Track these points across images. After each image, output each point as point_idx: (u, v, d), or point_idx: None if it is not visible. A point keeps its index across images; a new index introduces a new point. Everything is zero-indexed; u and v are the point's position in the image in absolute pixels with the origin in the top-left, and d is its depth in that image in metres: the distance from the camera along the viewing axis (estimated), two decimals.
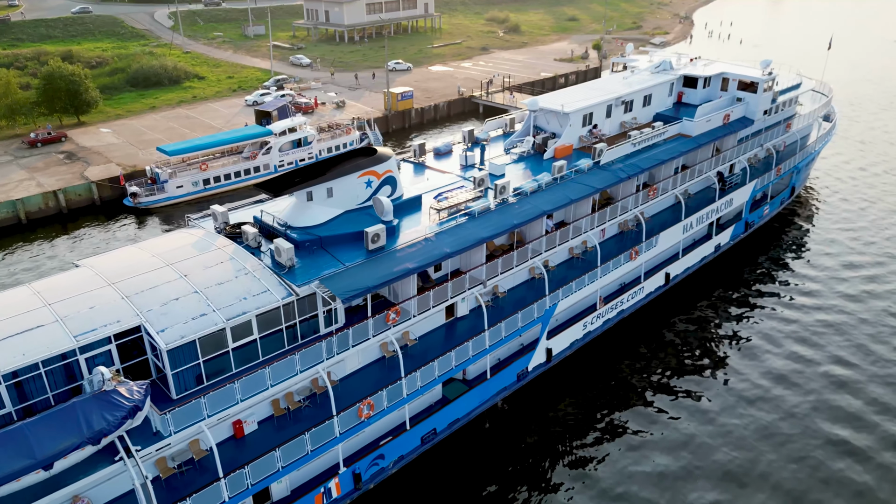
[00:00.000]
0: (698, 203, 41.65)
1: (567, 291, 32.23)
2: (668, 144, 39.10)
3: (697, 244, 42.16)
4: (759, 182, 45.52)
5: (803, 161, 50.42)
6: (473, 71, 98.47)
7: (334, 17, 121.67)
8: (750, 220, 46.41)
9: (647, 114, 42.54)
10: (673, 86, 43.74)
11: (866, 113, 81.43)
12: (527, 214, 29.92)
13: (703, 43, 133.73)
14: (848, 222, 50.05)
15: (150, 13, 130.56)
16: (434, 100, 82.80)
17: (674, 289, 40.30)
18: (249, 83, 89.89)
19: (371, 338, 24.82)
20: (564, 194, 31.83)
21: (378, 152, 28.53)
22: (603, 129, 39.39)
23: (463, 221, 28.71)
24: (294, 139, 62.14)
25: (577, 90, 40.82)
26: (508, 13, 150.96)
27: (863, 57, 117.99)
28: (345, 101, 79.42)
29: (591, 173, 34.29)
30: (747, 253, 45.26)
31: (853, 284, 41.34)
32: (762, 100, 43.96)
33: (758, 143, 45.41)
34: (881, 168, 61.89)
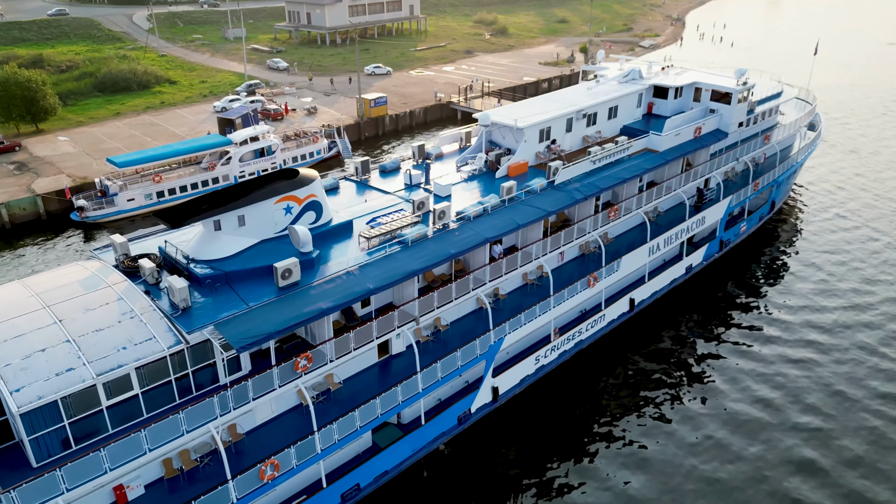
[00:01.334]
0: (669, 222, 39.08)
1: (515, 324, 29.60)
2: (632, 161, 36.51)
3: (667, 265, 39.54)
4: (735, 198, 42.91)
5: (784, 174, 47.82)
6: (455, 75, 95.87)
7: (316, 19, 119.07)
8: (725, 238, 43.79)
9: (614, 127, 39.94)
10: (642, 96, 41.10)
11: (858, 119, 78.83)
12: (467, 242, 27.30)
13: (694, 45, 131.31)
14: (831, 242, 47.31)
15: (128, 15, 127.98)
16: (410, 106, 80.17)
17: (639, 315, 37.69)
18: (222, 88, 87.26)
19: (277, 388, 22.19)
20: (511, 219, 29.20)
21: (300, 175, 25.92)
22: (563, 145, 36.79)
23: (396, 251, 26.13)
24: (256, 148, 59.50)
25: (536, 102, 38.20)
26: (497, 15, 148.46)
27: (856, 60, 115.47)
28: (317, 107, 76.78)
29: (545, 194, 31.67)
30: (721, 274, 42.60)
31: (830, 316, 38.39)
32: (737, 111, 41.36)
33: (733, 156, 42.81)
34: (869, 179, 59.24)
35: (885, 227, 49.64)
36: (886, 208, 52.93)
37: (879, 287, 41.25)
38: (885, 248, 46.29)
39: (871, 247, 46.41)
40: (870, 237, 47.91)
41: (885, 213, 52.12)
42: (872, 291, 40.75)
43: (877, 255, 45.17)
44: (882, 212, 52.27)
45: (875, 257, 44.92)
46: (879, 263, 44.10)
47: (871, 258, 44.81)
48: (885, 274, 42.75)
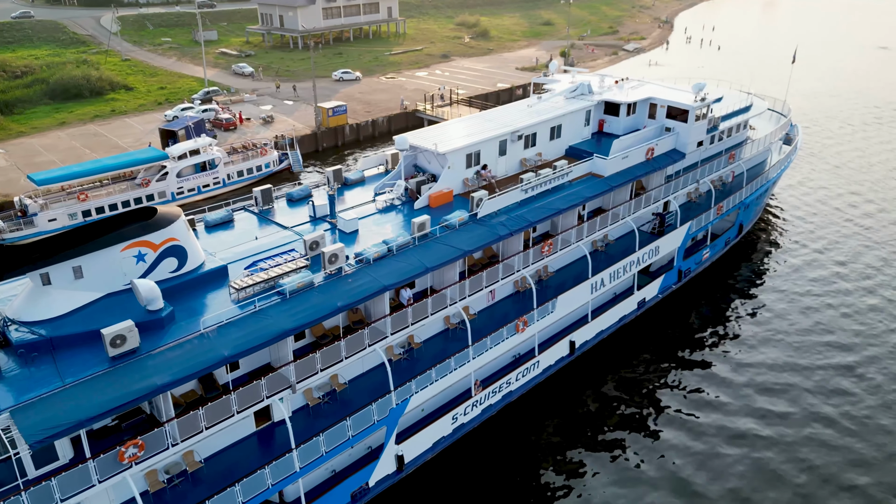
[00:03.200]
0: (620, 252, 35.41)
1: (424, 382, 25.93)
2: (573, 187, 32.87)
3: (617, 300, 35.89)
4: (696, 223, 39.25)
5: (752, 195, 44.13)
6: (426, 81, 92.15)
7: (288, 21, 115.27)
8: (684, 267, 40.11)
9: (558, 148, 36.25)
10: (590, 113, 37.40)
11: (843, 131, 75.12)
12: (362, 291, 23.62)
13: (681, 49, 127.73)
14: (804, 269, 43.57)
15: (96, 18, 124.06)
16: (374, 114, 76.49)
17: (582, 358, 34.01)
18: (181, 95, 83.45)
19: (97, 484, 18.47)
20: (419, 261, 25.52)
21: (157, 214, 22.25)
22: (496, 170, 33.10)
23: (271, 304, 22.44)
24: (197, 163, 55.84)
25: (467, 122, 34.43)
26: (479, 17, 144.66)
27: (846, 66, 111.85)
28: (273, 116, 73.05)
29: (464, 230, 27.97)
30: (679, 307, 38.89)
31: (799, 358, 34.70)
32: (695, 129, 37.70)
33: (693, 178, 39.16)
34: (850, 199, 55.49)
35: (864, 252, 46.01)
36: (866, 231, 49.27)
37: (851, 321, 37.61)
38: (863, 276, 42.67)
39: (847, 275, 42.77)
40: (846, 263, 44.28)
41: (864, 235, 48.46)
42: (843, 327, 37.11)
43: (853, 283, 41.52)
44: (861, 235, 48.61)
45: (851, 284, 41.28)
46: (853, 294, 40.46)
47: (845, 286, 41.16)
48: (858, 305, 39.12)
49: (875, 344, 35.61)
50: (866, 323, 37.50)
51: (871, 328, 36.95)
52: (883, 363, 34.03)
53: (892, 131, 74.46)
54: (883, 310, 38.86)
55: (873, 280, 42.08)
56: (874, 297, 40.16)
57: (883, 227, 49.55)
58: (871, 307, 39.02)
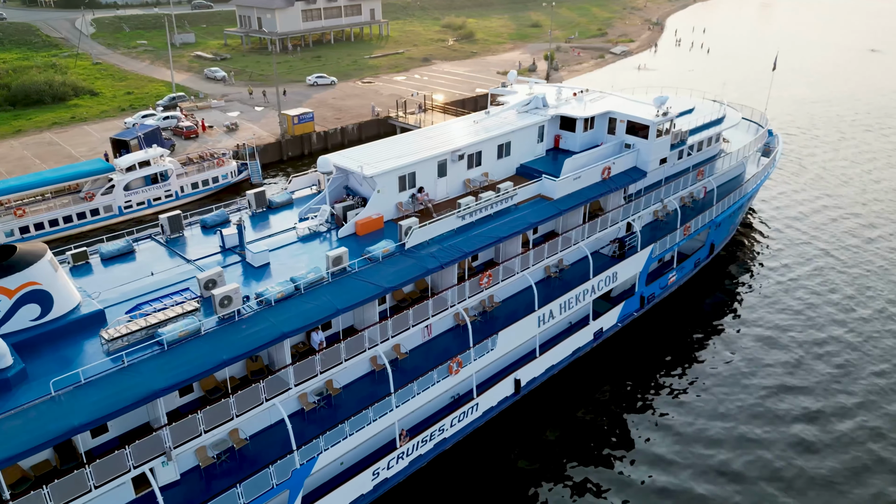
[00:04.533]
0: (577, 279, 32.72)
1: (335, 437, 23.21)
2: (520, 211, 30.18)
3: (570, 331, 33.21)
4: (659, 246, 36.56)
5: (724, 213, 41.45)
6: (403, 86, 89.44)
7: (267, 24, 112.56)
8: (648, 293, 37.43)
9: (508, 167, 33.55)
10: (543, 129, 34.71)
11: (830, 137, 72.44)
12: (255, 340, 20.89)
13: (669, 52, 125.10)
14: (780, 294, 40.77)
15: (72, 20, 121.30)
16: (345, 121, 73.77)
17: (529, 397, 31.30)
18: (147, 101, 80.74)
19: None
20: (330, 302, 22.82)
21: (17, 253, 19.56)
22: (434, 193, 30.40)
23: (146, 357, 19.72)
24: (147, 174, 53.11)
25: (403, 140, 31.67)
26: (466, 19, 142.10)
27: (836, 69, 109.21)
28: (237, 123, 70.32)
29: (389, 263, 25.27)
30: (640, 337, 36.09)
31: (770, 401, 32.09)
32: (657, 146, 35.01)
33: (656, 198, 36.47)
34: (832, 214, 52.78)
35: (845, 276, 43.31)
36: (848, 250, 46.58)
37: (825, 363, 34.82)
38: (842, 307, 39.97)
39: (824, 303, 40.07)
40: (825, 289, 41.57)
41: (846, 256, 45.77)
42: (816, 369, 34.36)
43: (830, 312, 38.82)
44: (843, 257, 45.91)
45: (828, 313, 38.59)
46: (827, 328, 37.74)
47: (821, 315, 38.46)
48: (833, 343, 36.38)
49: (852, 392, 32.41)
50: (843, 365, 34.04)
51: (848, 370, 33.68)
52: (856, 414, 31.10)
53: (878, 139, 71.79)
54: (861, 351, 35.30)
55: (851, 313, 38.76)
56: (852, 333, 36.82)
57: (866, 246, 46.72)
58: (849, 345, 35.63)
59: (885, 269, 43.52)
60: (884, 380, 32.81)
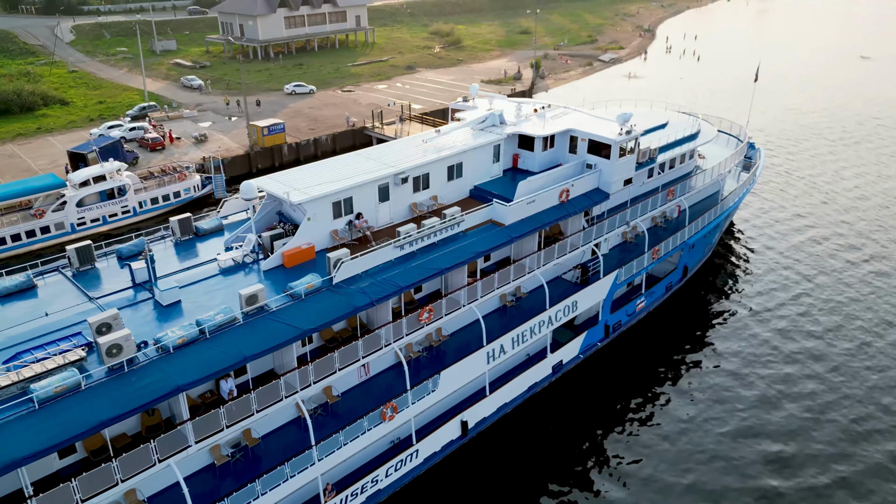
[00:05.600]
0: (534, 309, 30.53)
1: (244, 498, 20.90)
2: (468, 238, 28.00)
3: (526, 365, 31.01)
4: (624, 272, 34.36)
5: (699, 233, 39.28)
6: (384, 95, 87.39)
7: (248, 31, 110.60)
8: (613, 321, 35.21)
9: (460, 189, 31.35)
10: (499, 148, 32.55)
11: (818, 150, 70.23)
12: (144, 395, 18.67)
13: (659, 59, 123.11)
14: (755, 325, 38.26)
15: (51, 27, 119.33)
16: (319, 131, 71.66)
17: (478, 439, 29.04)
18: (119, 110, 78.64)
19: None
20: (238, 348, 20.60)
21: None
22: (375, 219, 28.21)
23: (21, 413, 17.54)
24: (103, 189, 50.94)
25: (341, 162, 29.34)
26: (454, 26, 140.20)
27: (827, 76, 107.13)
28: (207, 135, 68.18)
29: (313, 300, 23.05)
30: (603, 370, 33.83)
31: (732, 445, 29.56)
32: (620, 166, 32.85)
33: (621, 220, 34.29)
34: (816, 233, 50.51)
35: (828, 302, 41.10)
36: (831, 274, 44.37)
37: (800, 406, 32.45)
38: (820, 334, 37.74)
39: (804, 332, 37.86)
40: (805, 317, 39.35)
41: (829, 282, 43.55)
42: (790, 412, 32.10)
43: (809, 340, 36.59)
44: (826, 282, 43.69)
45: (806, 343, 36.34)
46: (806, 356, 35.53)
47: (800, 345, 36.22)
48: (811, 371, 34.18)
49: (825, 439, 29.88)
50: (817, 408, 31.29)
51: (822, 412, 31.11)
52: (828, 465, 28.66)
53: (868, 152, 69.61)
54: (839, 392, 32.70)
55: (831, 347, 36.20)
56: (830, 370, 34.21)
57: (849, 271, 44.21)
58: (825, 383, 33.18)
59: (868, 299, 40.70)
60: (861, 426, 30.30)
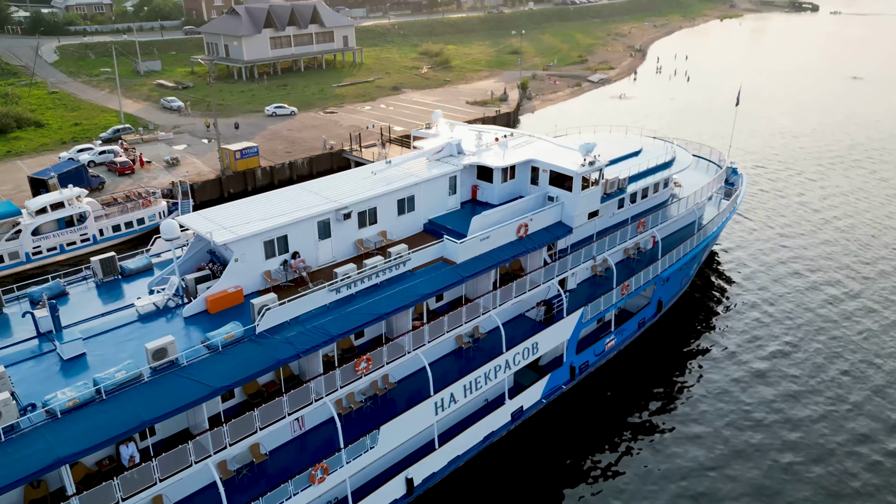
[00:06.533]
0: (491, 351, 28.49)
1: None
2: (416, 278, 26.05)
3: (481, 414, 28.85)
4: (591, 309, 32.33)
5: (673, 266, 37.31)
6: (366, 116, 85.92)
7: (234, 51, 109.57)
8: (579, 362, 33.11)
9: (413, 223, 29.45)
10: (456, 179, 30.72)
11: (806, 173, 68.49)
12: (22, 468, 16.51)
13: (649, 80, 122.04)
14: (731, 369, 36.20)
15: (34, 47, 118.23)
16: (296, 154, 70.02)
17: (425, 497, 26.79)
18: (96, 132, 77.12)
19: None
20: (136, 413, 18.50)
21: None
22: (315, 258, 26.25)
23: None
24: (61, 217, 49.06)
25: (279, 196, 27.41)
26: (443, 46, 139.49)
27: (819, 97, 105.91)
28: (178, 158, 66.47)
29: (232, 352, 21.02)
30: (568, 415, 31.62)
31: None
32: (583, 198, 30.98)
33: (587, 255, 32.36)
34: (802, 265, 48.37)
35: (811, 340, 38.98)
36: (815, 310, 42.31)
37: (777, 468, 30.28)
38: (802, 392, 35.57)
39: (784, 382, 35.73)
40: (787, 363, 37.22)
41: (812, 318, 41.48)
42: (764, 458, 29.96)
43: (791, 403, 34.42)
44: (808, 318, 41.62)
45: (789, 410, 34.11)
46: (783, 419, 33.36)
47: (782, 405, 34.06)
48: (790, 437, 31.94)
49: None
50: (793, 466, 28.84)
51: (801, 470, 28.70)
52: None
53: (857, 176, 67.86)
54: (824, 449, 30.11)
55: (810, 406, 33.22)
56: (809, 433, 31.03)
57: (838, 305, 41.97)
58: (797, 448, 30.30)
59: (855, 340, 38.18)
60: (841, 486, 27.82)
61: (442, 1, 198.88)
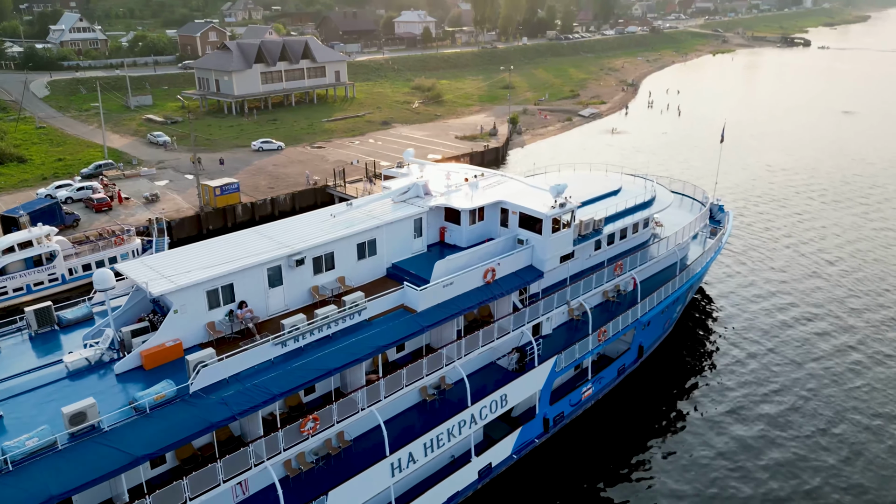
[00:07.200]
0: (459, 402, 26.77)
1: None
2: (374, 327, 24.52)
3: (445, 472, 27.00)
4: (565, 358, 30.70)
5: (654, 310, 35.72)
6: (354, 151, 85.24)
7: (224, 86, 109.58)
8: (553, 413, 31.32)
9: (375, 268, 28.01)
10: (422, 222, 29.41)
11: (800, 210, 67.35)
12: None
13: (640, 114, 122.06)
14: (716, 420, 34.42)
15: (25, 81, 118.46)
16: (279, 190, 69.02)
17: None
18: (79, 168, 76.27)
19: None
20: (44, 487, 16.79)
21: None
22: (265, 307, 24.74)
23: None
24: (29, 256, 47.65)
25: (227, 242, 25.95)
26: (436, 81, 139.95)
27: (811, 133, 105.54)
28: (158, 194, 65.38)
29: (162, 414, 19.38)
30: (541, 471, 29.72)
31: None
32: (554, 242, 29.61)
33: (560, 299, 30.85)
34: (794, 312, 46.71)
35: (799, 389, 37.21)
36: (803, 357, 40.62)
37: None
38: (791, 449, 33.73)
39: (770, 436, 33.92)
40: (776, 416, 35.44)
41: (798, 366, 39.79)
42: None
43: (777, 447, 32.60)
44: (793, 375, 39.90)
45: (774, 472, 32.32)
46: (767, 477, 31.50)
47: (765, 456, 32.20)
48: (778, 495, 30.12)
49: None
50: None
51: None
52: None
53: (848, 212, 66.76)
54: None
55: (798, 476, 30.61)
56: (807, 493, 29.71)
57: (835, 357, 39.71)
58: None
59: (848, 387, 36.32)
60: None
61: (437, 36, 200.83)
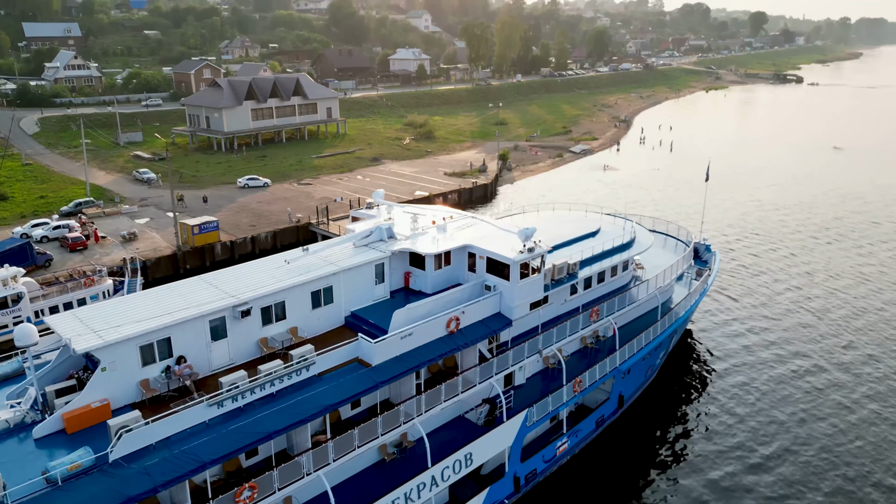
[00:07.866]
0: (419, 464, 24.91)
1: None
2: (324, 384, 22.82)
3: None
4: (536, 411, 28.86)
5: (634, 357, 33.96)
6: (341, 188, 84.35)
7: (214, 123, 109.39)
8: (525, 471, 29.33)
9: (331, 317, 26.40)
10: (383, 267, 27.94)
11: (791, 249, 66.01)
12: None
13: (632, 151, 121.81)
14: (699, 476, 32.74)
15: (18, 119, 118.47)
16: (261, 227, 67.77)
17: None
18: (61, 205, 75.21)
19: None
20: None
21: None
22: (207, 363, 23.08)
23: None
24: None
25: (167, 292, 24.46)
26: (428, 117, 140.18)
27: (803, 170, 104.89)
28: (136, 233, 64.10)
29: (74, 487, 17.58)
30: None
31: None
32: (522, 288, 28.05)
33: (531, 348, 29.18)
34: (794, 362, 44.83)
35: (786, 440, 35.26)
36: (794, 405, 38.71)
37: None
38: None
39: (753, 488, 31.94)
40: (757, 466, 33.50)
41: (789, 414, 37.86)
42: None
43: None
44: (786, 428, 37.95)
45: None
46: None
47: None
48: None
49: None
50: None
51: None
52: None
53: (839, 251, 65.40)
54: None
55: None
56: None
57: (826, 408, 37.50)
58: None
59: (841, 440, 34.26)
60: None
61: (431, 73, 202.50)
